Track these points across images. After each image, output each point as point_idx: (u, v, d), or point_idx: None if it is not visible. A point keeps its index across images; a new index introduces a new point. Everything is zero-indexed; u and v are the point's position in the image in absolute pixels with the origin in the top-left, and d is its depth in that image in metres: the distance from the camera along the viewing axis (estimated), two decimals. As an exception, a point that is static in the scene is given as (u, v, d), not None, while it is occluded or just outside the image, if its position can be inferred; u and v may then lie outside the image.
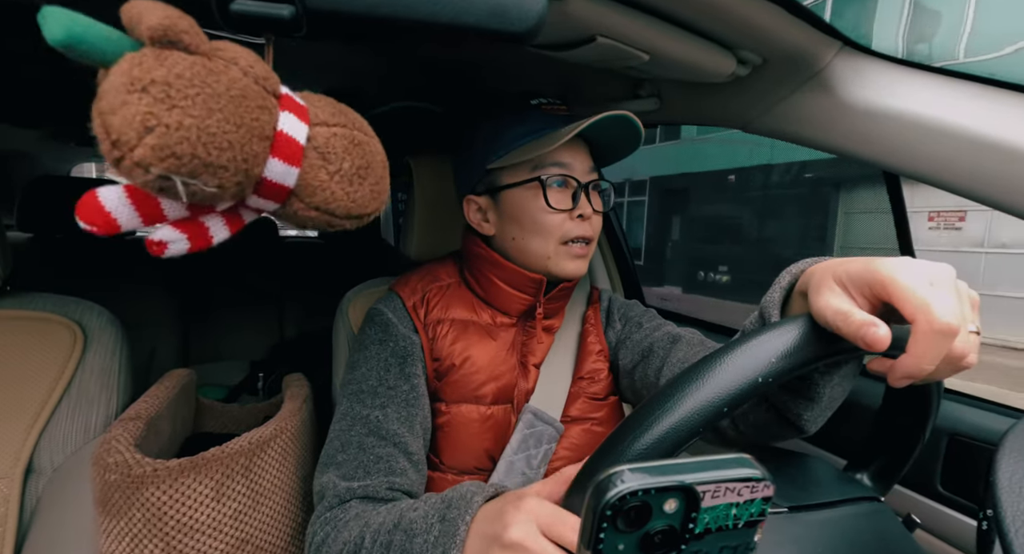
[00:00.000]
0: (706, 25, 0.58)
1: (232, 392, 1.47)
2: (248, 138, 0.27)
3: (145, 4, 0.25)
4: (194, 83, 0.25)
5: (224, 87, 0.26)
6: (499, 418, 0.69)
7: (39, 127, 1.50)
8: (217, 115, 0.26)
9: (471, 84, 0.98)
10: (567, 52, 0.61)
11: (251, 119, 0.28)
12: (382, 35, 0.35)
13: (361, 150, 0.34)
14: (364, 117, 0.37)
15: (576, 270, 0.69)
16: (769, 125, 0.72)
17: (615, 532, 0.23)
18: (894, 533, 0.41)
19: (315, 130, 0.32)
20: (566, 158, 0.67)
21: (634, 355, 0.72)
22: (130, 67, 0.24)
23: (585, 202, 0.67)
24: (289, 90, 0.32)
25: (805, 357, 0.33)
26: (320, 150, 0.32)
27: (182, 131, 0.25)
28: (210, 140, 0.26)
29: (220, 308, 1.66)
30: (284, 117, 0.30)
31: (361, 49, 0.84)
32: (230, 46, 0.29)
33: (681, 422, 0.31)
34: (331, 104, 0.34)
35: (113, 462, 0.58)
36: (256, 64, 0.29)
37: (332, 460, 0.62)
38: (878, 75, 0.61)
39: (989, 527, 0.36)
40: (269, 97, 0.29)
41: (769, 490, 0.24)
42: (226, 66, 0.27)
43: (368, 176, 0.34)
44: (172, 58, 0.25)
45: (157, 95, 0.24)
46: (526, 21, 0.34)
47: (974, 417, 0.69)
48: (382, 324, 0.69)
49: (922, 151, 0.58)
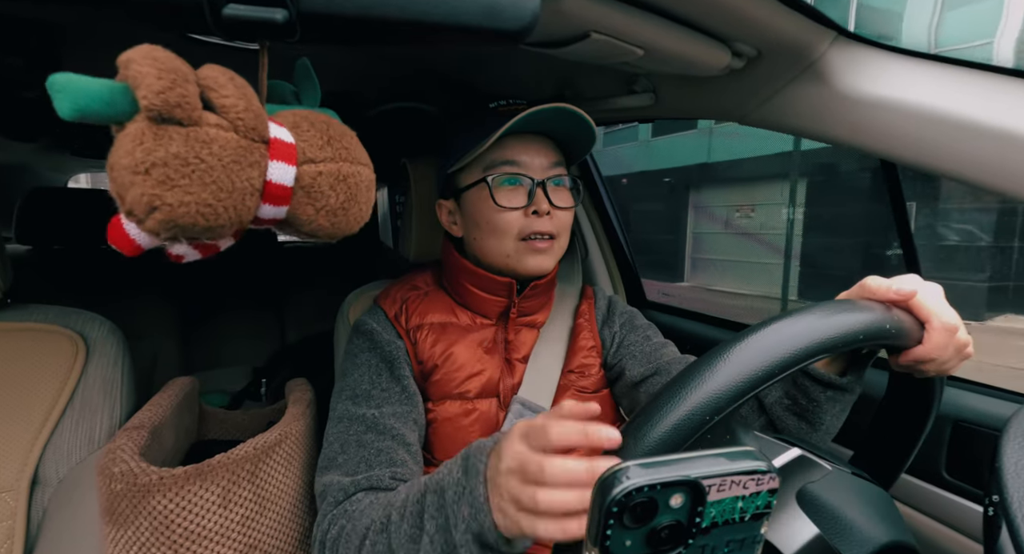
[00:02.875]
0: (700, 18, 0.58)
1: (235, 398, 1.47)
2: (241, 198, 0.31)
3: (138, 62, 0.27)
4: (189, 161, 0.29)
5: (216, 158, 0.29)
6: (485, 411, 0.70)
7: (35, 140, 1.50)
8: (212, 187, 0.29)
9: (465, 84, 0.97)
10: (561, 49, 0.61)
11: (243, 180, 0.31)
12: (376, 37, 0.34)
13: (346, 185, 0.36)
14: (360, 119, 0.38)
15: (538, 266, 0.69)
16: (765, 117, 0.72)
17: (622, 528, 0.23)
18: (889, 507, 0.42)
19: (302, 169, 0.34)
20: (518, 156, 0.68)
21: (644, 368, 0.72)
22: (133, 147, 0.28)
23: (541, 198, 0.67)
24: (277, 128, 0.33)
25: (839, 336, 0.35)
26: (307, 189, 0.35)
27: (183, 208, 0.29)
28: (207, 211, 0.30)
29: (221, 315, 1.66)
30: (273, 167, 0.33)
31: (356, 52, 0.84)
32: (223, 88, 0.30)
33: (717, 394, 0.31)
34: (321, 133, 0.36)
35: (118, 471, 0.58)
36: (246, 111, 0.31)
37: (332, 462, 0.63)
38: (873, 64, 0.61)
39: (995, 513, 0.36)
40: (259, 148, 0.32)
41: (775, 482, 0.24)
42: (217, 132, 0.30)
43: (352, 207, 0.37)
44: (168, 136, 0.28)
45: (158, 177, 0.28)
46: (520, 19, 0.34)
47: (978, 403, 0.69)
48: (368, 334, 0.72)
49: (918, 139, 0.58)
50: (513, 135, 0.67)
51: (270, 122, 0.33)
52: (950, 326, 0.40)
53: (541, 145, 0.69)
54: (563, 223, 0.70)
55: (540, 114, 0.64)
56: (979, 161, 0.55)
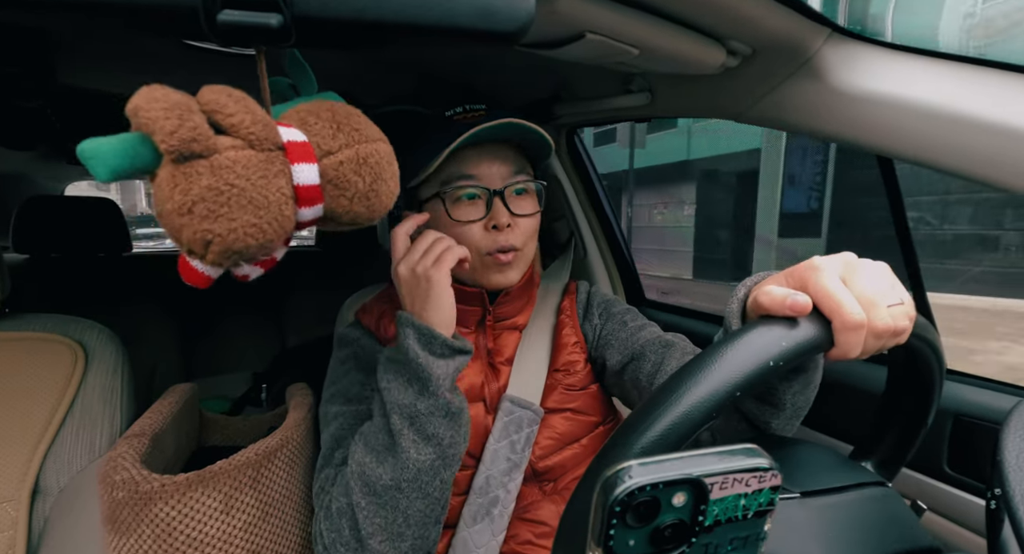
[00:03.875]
0: (694, 17, 0.58)
1: (236, 404, 1.46)
2: (279, 209, 0.32)
3: (144, 107, 0.28)
4: (221, 190, 0.30)
5: (245, 179, 0.30)
6: (471, 417, 0.69)
7: (31, 149, 1.50)
8: (250, 207, 0.31)
9: (461, 86, 0.98)
10: (557, 50, 0.61)
11: (275, 192, 0.32)
12: (371, 40, 0.34)
13: (368, 166, 0.36)
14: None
15: (502, 281, 0.68)
16: (762, 115, 0.72)
17: (625, 528, 0.23)
18: (902, 516, 0.41)
19: (324, 164, 0.35)
20: (474, 168, 0.66)
21: (622, 355, 0.71)
22: (171, 192, 0.29)
23: (500, 210, 0.65)
24: (287, 130, 0.34)
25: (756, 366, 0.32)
26: (334, 182, 0.35)
27: (232, 235, 0.30)
28: (254, 230, 0.31)
29: (220, 321, 1.66)
30: (297, 170, 0.33)
31: (350, 55, 0.84)
32: (227, 108, 0.31)
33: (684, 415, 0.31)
34: (328, 122, 0.36)
35: (120, 479, 0.58)
36: (255, 124, 0.31)
37: (330, 460, 0.64)
38: (868, 60, 0.61)
39: (998, 506, 0.36)
40: (278, 156, 0.32)
41: (777, 479, 0.24)
42: (236, 154, 0.30)
43: (380, 186, 0.37)
44: (196, 171, 0.29)
45: (201, 213, 0.29)
46: (514, 21, 0.34)
47: (978, 396, 0.69)
48: (351, 343, 0.73)
49: (914, 134, 0.58)
50: (470, 146, 0.65)
51: (279, 126, 0.33)
52: (852, 323, 0.33)
53: (498, 155, 0.67)
54: (527, 231, 0.69)
55: (491, 129, 0.63)
56: (975, 155, 0.55)
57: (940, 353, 0.43)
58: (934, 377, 0.44)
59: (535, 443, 0.71)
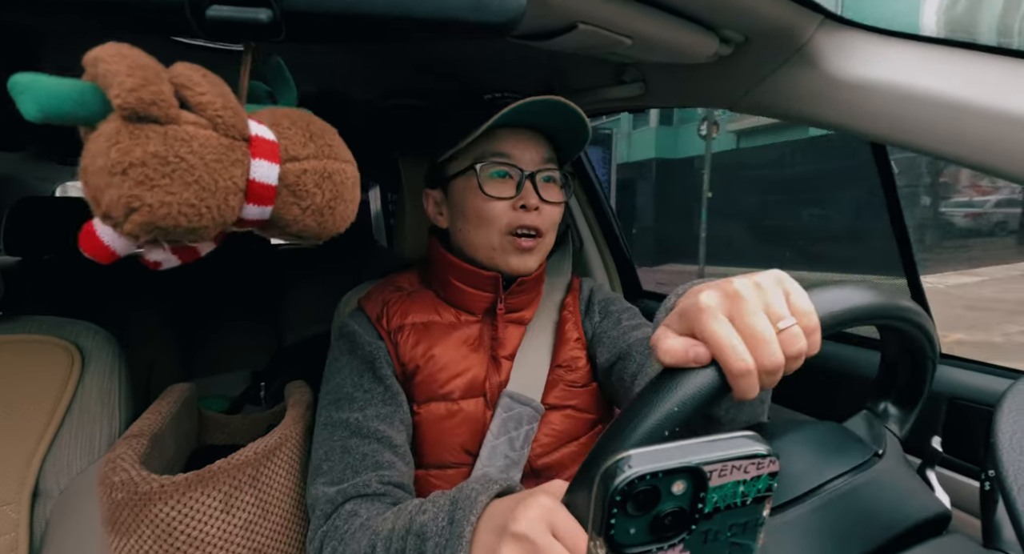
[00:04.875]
0: (687, 6, 0.58)
1: (235, 403, 1.46)
2: (224, 197, 0.30)
3: (107, 61, 0.26)
4: (168, 160, 0.27)
5: (198, 157, 0.28)
6: (470, 412, 0.69)
7: (21, 149, 1.48)
8: (194, 187, 0.28)
9: (454, 79, 0.97)
10: (549, 41, 0.61)
11: (226, 179, 0.30)
12: (362, 34, 0.34)
13: (331, 182, 0.35)
14: (350, 118, 0.37)
15: (521, 266, 0.69)
16: (756, 103, 0.72)
17: (625, 517, 0.23)
18: (900, 491, 0.41)
19: (286, 167, 0.33)
20: (509, 148, 0.67)
21: (610, 354, 0.71)
22: (108, 147, 0.26)
23: (530, 191, 0.66)
24: (258, 126, 0.32)
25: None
26: (291, 188, 0.33)
27: (164, 208, 0.28)
28: (190, 211, 0.28)
29: (217, 320, 1.65)
30: (256, 165, 0.31)
31: (342, 49, 0.83)
32: (198, 86, 0.29)
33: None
34: (302, 130, 0.34)
35: (119, 480, 0.58)
36: (224, 109, 0.30)
37: (318, 470, 0.63)
38: (861, 46, 0.61)
39: (992, 487, 0.36)
40: (241, 146, 0.31)
41: (775, 465, 0.24)
42: (196, 130, 0.28)
43: (338, 205, 0.36)
44: (145, 135, 0.27)
45: (137, 177, 0.27)
46: (506, 12, 0.34)
47: (972, 380, 0.69)
48: (348, 336, 0.71)
49: (908, 119, 0.58)
50: (505, 128, 0.67)
51: (251, 120, 0.32)
52: (739, 371, 0.31)
53: (532, 140, 0.69)
54: (551, 219, 0.70)
55: (532, 106, 0.64)
56: (969, 141, 0.55)
57: (933, 338, 0.44)
58: (927, 364, 0.44)
59: (534, 440, 0.70)
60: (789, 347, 0.32)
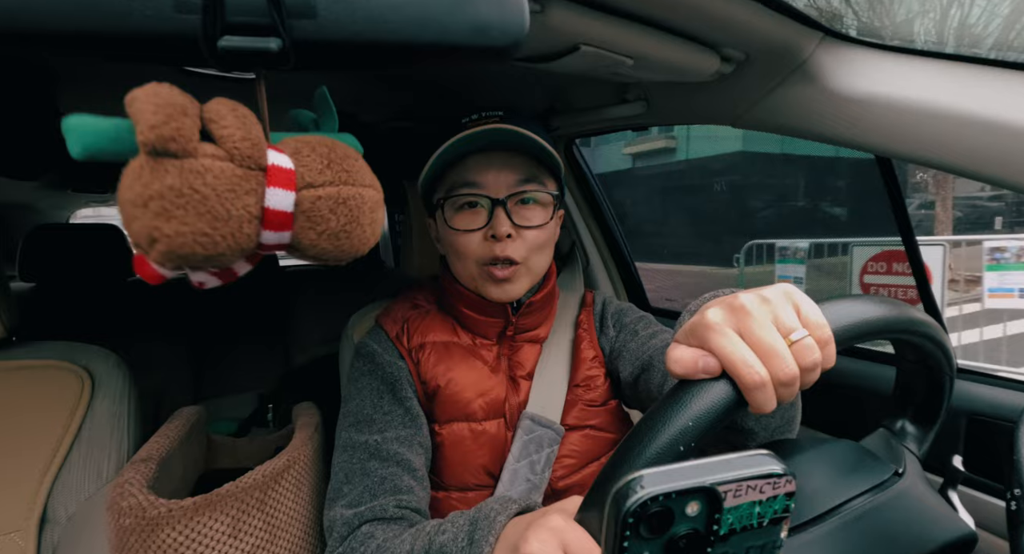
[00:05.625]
0: (687, 26, 0.58)
1: (242, 426, 1.46)
2: (238, 225, 0.31)
3: (140, 100, 0.28)
4: (183, 192, 0.29)
5: (210, 188, 0.30)
6: (492, 433, 0.68)
7: (36, 179, 1.52)
8: (207, 216, 0.30)
9: (458, 99, 0.99)
10: (552, 63, 0.62)
11: (240, 208, 0.31)
12: (369, 61, 0.35)
13: (346, 207, 0.36)
14: (361, 140, 0.39)
15: (501, 295, 0.67)
16: (758, 119, 0.73)
17: (638, 539, 0.22)
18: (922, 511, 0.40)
19: (302, 195, 0.35)
20: (475, 176, 0.64)
21: (633, 367, 0.70)
22: (132, 181, 0.29)
23: (501, 220, 0.63)
24: (277, 154, 0.34)
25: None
26: (307, 214, 0.35)
27: (180, 238, 0.30)
28: (204, 239, 0.30)
29: (225, 343, 1.66)
30: (271, 194, 0.33)
31: (350, 74, 0.85)
32: (223, 119, 0.31)
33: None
34: (322, 157, 0.36)
35: (127, 506, 0.57)
36: (243, 141, 0.31)
37: (338, 493, 0.62)
38: (861, 61, 0.62)
39: (1018, 507, 0.35)
40: (256, 175, 0.32)
41: (791, 485, 0.23)
42: (212, 163, 0.30)
43: (354, 229, 0.37)
44: (164, 169, 0.29)
45: (156, 209, 0.29)
46: (508, 36, 0.34)
47: (991, 395, 0.68)
48: (368, 356, 0.71)
49: (910, 132, 0.58)
50: (479, 153, 0.64)
51: (270, 149, 0.33)
52: (753, 384, 0.31)
53: (506, 163, 0.65)
54: (532, 244, 0.66)
55: (479, 135, 0.62)
56: (971, 153, 0.55)
57: (949, 352, 0.43)
58: (944, 379, 0.43)
59: (554, 461, 0.69)
60: (803, 359, 0.32)
